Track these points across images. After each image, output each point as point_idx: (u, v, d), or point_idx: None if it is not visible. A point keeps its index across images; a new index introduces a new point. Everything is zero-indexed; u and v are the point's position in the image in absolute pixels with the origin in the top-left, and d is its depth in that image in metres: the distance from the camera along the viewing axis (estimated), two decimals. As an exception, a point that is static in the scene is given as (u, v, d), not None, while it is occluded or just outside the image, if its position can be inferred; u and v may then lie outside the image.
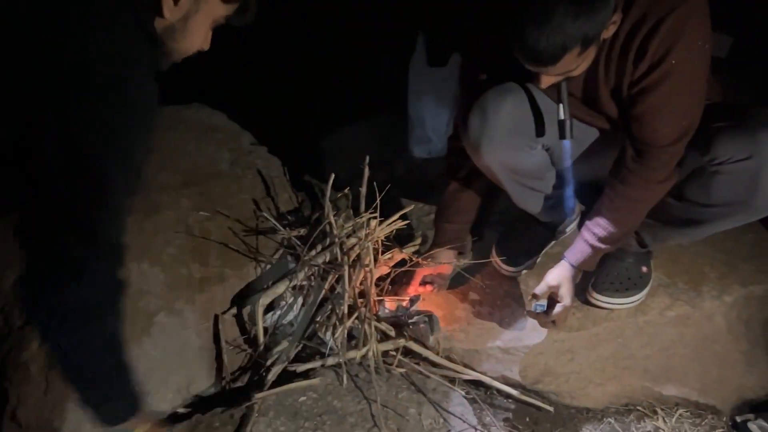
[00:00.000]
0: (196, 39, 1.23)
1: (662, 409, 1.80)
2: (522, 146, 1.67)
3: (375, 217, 1.90)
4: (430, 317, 1.80)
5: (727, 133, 1.45)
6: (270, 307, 1.90)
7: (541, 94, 1.60)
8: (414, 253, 2.04)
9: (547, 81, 1.44)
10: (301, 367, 1.77)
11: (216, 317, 1.82)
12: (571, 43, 1.28)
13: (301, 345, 1.83)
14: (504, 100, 1.59)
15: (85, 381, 1.31)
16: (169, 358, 1.73)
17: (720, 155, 1.45)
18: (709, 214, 1.57)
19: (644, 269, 1.81)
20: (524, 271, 1.95)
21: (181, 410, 1.73)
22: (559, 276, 1.72)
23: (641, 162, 1.53)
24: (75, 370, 1.30)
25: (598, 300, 1.79)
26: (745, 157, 1.42)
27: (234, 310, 1.85)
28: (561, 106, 1.54)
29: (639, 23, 1.36)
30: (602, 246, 1.67)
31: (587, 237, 1.69)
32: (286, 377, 1.76)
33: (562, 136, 1.58)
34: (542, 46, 1.28)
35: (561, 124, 1.56)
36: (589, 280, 1.83)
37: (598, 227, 1.66)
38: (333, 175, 2.03)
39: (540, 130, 1.65)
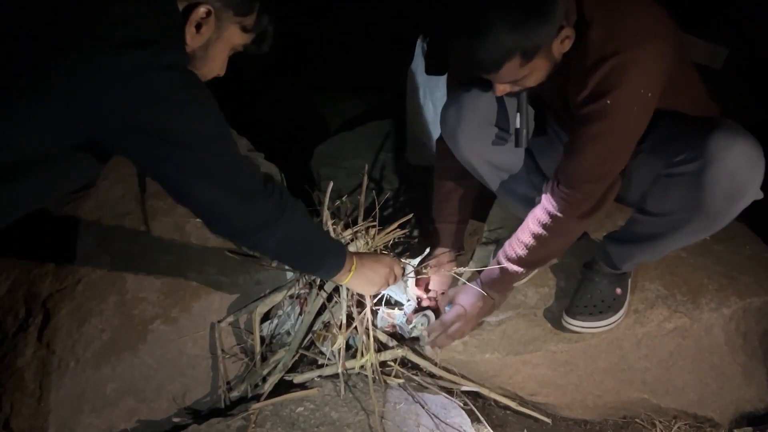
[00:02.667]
0: (216, 65, 1.29)
1: (660, 422, 1.80)
2: (499, 138, 1.71)
3: (374, 226, 1.89)
4: (426, 316, 1.81)
5: (681, 136, 1.45)
6: (267, 316, 1.88)
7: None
8: (411, 260, 2.03)
9: (500, 89, 1.47)
10: (299, 377, 1.76)
11: (212, 325, 1.80)
12: (507, 54, 1.31)
13: (298, 354, 1.81)
14: (480, 94, 1.63)
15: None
16: (165, 366, 1.72)
17: (672, 158, 1.44)
18: (665, 225, 1.55)
19: (618, 291, 1.78)
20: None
21: (176, 420, 1.71)
22: (458, 290, 1.81)
23: (557, 192, 1.56)
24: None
25: (570, 325, 1.76)
26: (692, 158, 1.40)
27: (231, 319, 1.83)
28: (518, 115, 1.59)
29: (585, 53, 1.37)
30: (509, 266, 1.69)
31: (499, 253, 1.72)
32: (283, 387, 1.75)
33: (517, 144, 1.63)
34: (480, 56, 1.32)
35: (517, 132, 1.61)
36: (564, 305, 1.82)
37: (510, 246, 1.69)
38: (331, 183, 2.02)
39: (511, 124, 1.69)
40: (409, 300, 1.85)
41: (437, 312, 1.85)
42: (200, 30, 1.19)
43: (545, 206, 1.59)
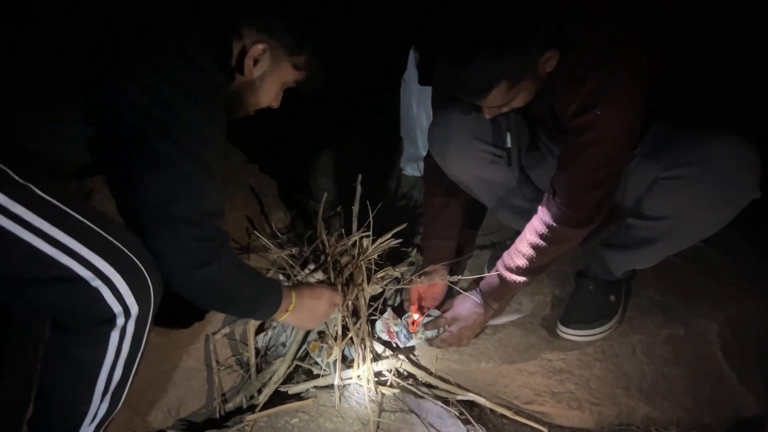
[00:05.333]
0: (269, 96, 1.46)
1: (657, 429, 1.79)
2: (488, 154, 1.73)
3: (368, 236, 1.90)
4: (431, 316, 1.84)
5: (677, 140, 1.48)
6: (262, 328, 1.88)
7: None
8: (407, 271, 2.03)
9: (489, 112, 1.49)
10: (294, 388, 1.75)
11: (207, 337, 1.80)
12: (494, 80, 1.34)
13: (293, 365, 1.81)
14: (467, 111, 1.63)
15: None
16: (160, 378, 1.71)
17: (668, 161, 1.46)
18: (662, 228, 1.57)
19: (612, 298, 1.79)
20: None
21: (171, 432, 1.70)
22: (458, 299, 1.79)
23: (555, 202, 1.57)
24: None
25: (564, 333, 1.78)
26: (688, 161, 1.42)
27: (226, 330, 1.82)
28: (509, 135, 1.61)
29: (571, 67, 1.40)
30: (509, 276, 1.69)
31: (498, 264, 1.72)
32: (278, 398, 1.74)
33: (510, 163, 1.67)
34: (467, 83, 1.36)
35: (509, 151, 1.65)
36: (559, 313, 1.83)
37: (508, 256, 1.69)
38: (325, 194, 2.03)
39: (502, 140, 1.71)
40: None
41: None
42: (257, 64, 1.36)
43: (542, 217, 1.60)
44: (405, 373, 1.82)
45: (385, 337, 1.84)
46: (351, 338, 1.75)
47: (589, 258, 1.81)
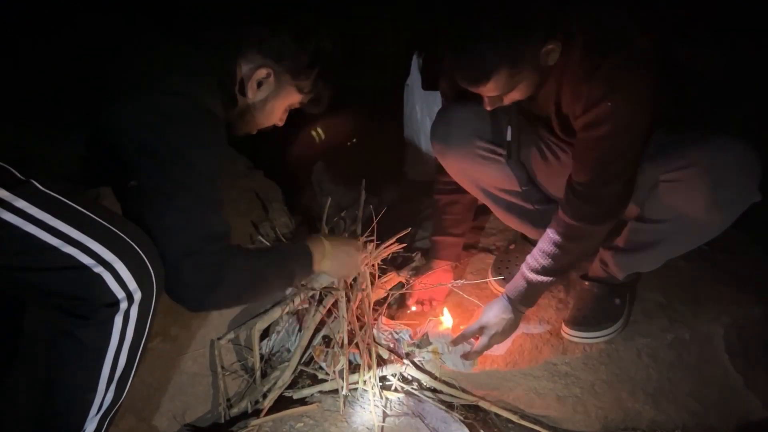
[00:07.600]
0: (273, 117, 1.51)
1: (663, 433, 1.79)
2: (488, 152, 1.73)
3: (371, 241, 1.90)
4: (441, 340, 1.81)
5: (677, 143, 1.47)
6: (266, 333, 1.88)
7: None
8: (411, 274, 2.04)
9: (490, 102, 1.50)
10: (298, 393, 1.75)
11: (212, 343, 1.81)
12: (495, 67, 1.36)
13: (298, 370, 1.81)
14: (469, 109, 1.66)
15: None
16: (165, 384, 1.71)
17: (668, 165, 1.46)
18: (663, 232, 1.57)
19: (617, 301, 1.78)
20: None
21: (176, 438, 1.71)
22: (490, 308, 1.75)
23: (573, 199, 1.57)
24: None
25: (569, 335, 1.78)
26: (686, 165, 1.42)
27: (230, 336, 1.83)
28: (509, 128, 1.61)
29: (576, 61, 1.41)
30: (533, 277, 1.68)
31: (522, 267, 1.71)
32: (283, 403, 1.74)
33: (509, 157, 1.67)
34: (467, 69, 1.39)
35: (508, 145, 1.65)
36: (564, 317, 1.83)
37: (532, 258, 1.68)
38: (329, 199, 2.03)
39: (503, 138, 1.71)
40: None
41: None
42: (261, 87, 1.41)
43: (563, 215, 1.60)
44: (409, 377, 1.83)
45: (388, 341, 1.84)
46: (356, 344, 1.75)
47: (592, 261, 1.80)
